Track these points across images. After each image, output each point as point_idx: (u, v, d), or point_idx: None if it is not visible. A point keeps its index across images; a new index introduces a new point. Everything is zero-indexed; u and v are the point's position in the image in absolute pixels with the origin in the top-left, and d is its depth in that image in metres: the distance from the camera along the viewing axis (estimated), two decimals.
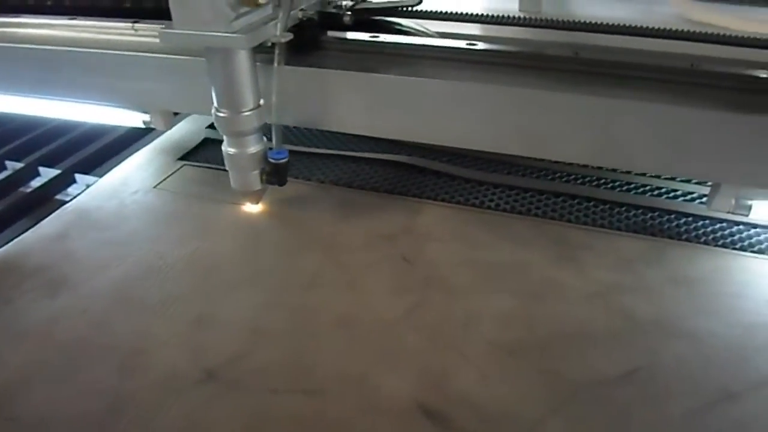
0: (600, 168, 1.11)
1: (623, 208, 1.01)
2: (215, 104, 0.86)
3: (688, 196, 1.03)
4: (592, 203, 1.02)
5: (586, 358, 0.74)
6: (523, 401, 0.69)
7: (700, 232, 0.95)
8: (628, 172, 1.09)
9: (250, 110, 0.86)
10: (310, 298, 0.84)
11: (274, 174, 0.94)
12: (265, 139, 0.93)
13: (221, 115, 0.86)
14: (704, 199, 0.98)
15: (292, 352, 0.76)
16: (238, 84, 0.84)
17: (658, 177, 1.08)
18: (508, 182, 1.07)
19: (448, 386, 0.71)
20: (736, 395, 0.69)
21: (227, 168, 0.94)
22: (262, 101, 0.87)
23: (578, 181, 1.08)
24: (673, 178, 1.07)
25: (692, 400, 0.69)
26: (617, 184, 1.07)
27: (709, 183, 0.96)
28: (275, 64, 0.84)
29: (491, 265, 0.89)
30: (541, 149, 0.89)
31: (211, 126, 1.26)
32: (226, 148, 0.91)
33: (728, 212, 0.91)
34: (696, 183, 1.06)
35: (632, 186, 1.06)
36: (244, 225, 0.99)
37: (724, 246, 0.92)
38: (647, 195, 1.04)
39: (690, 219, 0.98)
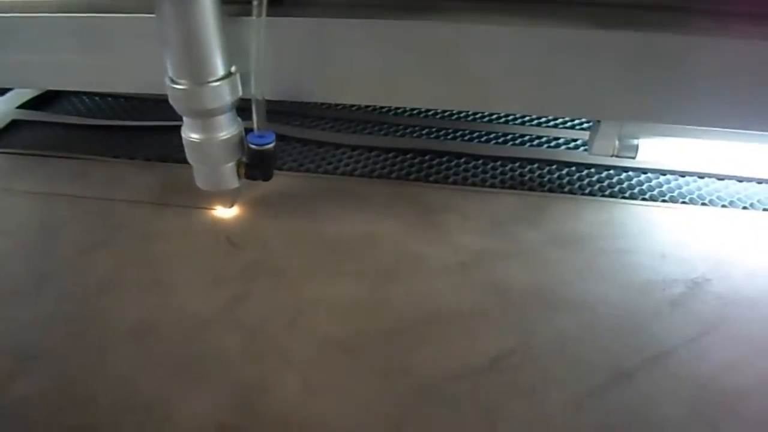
0: (473, 120, 0.96)
1: (498, 163, 0.86)
2: (169, 73, 0.63)
3: (572, 144, 0.89)
4: (463, 160, 0.86)
5: (445, 347, 0.58)
6: (357, 416, 0.52)
7: (585, 182, 0.81)
8: (505, 123, 0.95)
9: (220, 79, 0.63)
10: (103, 303, 0.64)
11: (258, 165, 0.70)
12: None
13: (179, 87, 0.63)
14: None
15: (63, 377, 0.57)
16: (202, 42, 0.60)
17: (539, 125, 0.93)
18: (366, 143, 0.91)
19: (262, 403, 0.53)
20: (629, 374, 0.55)
21: (190, 160, 0.71)
22: (233, 68, 0.65)
23: (448, 137, 0.92)
24: (554, 126, 0.93)
25: (577, 385, 0.55)
26: (492, 136, 0.92)
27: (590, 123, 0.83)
28: (255, 16, 0.61)
29: (336, 241, 0.72)
30: (389, 95, 0.72)
31: (24, 106, 1.03)
32: (188, 134, 0.68)
33: (613, 156, 0.78)
34: (581, 129, 0.92)
35: (509, 138, 0.91)
36: (40, 219, 0.78)
37: (611, 196, 0.78)
38: (526, 146, 0.89)
39: (573, 169, 0.84)
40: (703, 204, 0.77)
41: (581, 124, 0.93)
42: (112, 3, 0.71)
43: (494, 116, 0.96)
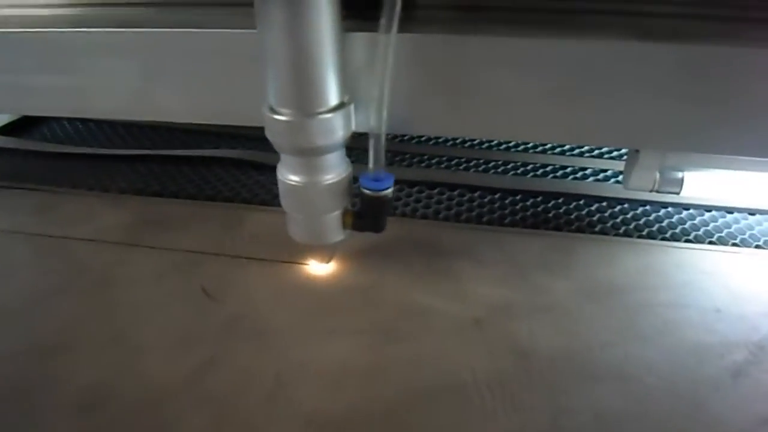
0: (488, 148, 0.85)
1: (518, 197, 0.75)
2: (270, 100, 0.51)
3: (601, 175, 0.79)
4: (477, 194, 0.76)
5: (455, 429, 0.47)
6: None
7: (618, 220, 0.70)
8: (525, 151, 0.84)
9: (332, 110, 0.51)
10: (50, 365, 0.54)
11: (371, 214, 0.58)
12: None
13: (281, 118, 0.51)
14: (621, 177, 0.74)
15: None
16: (316, 62, 0.48)
17: (563, 153, 0.83)
18: None
19: None
20: None
21: (285, 207, 0.59)
22: (347, 96, 0.53)
23: (460, 167, 0.82)
24: (580, 154, 0.83)
25: None
26: (511, 167, 0.81)
27: (625, 153, 0.72)
28: (382, 31, 0.48)
29: (329, 293, 0.61)
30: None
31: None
32: (285, 176, 0.56)
33: (652, 191, 0.67)
34: (610, 158, 0.82)
35: (530, 168, 0.81)
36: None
37: (650, 237, 0.68)
38: (549, 178, 0.79)
39: (604, 204, 0.73)
40: (758, 246, 0.66)
41: (611, 152, 0.83)
42: (89, 17, 0.62)
43: (512, 143, 0.86)
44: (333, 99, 0.50)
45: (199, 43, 0.57)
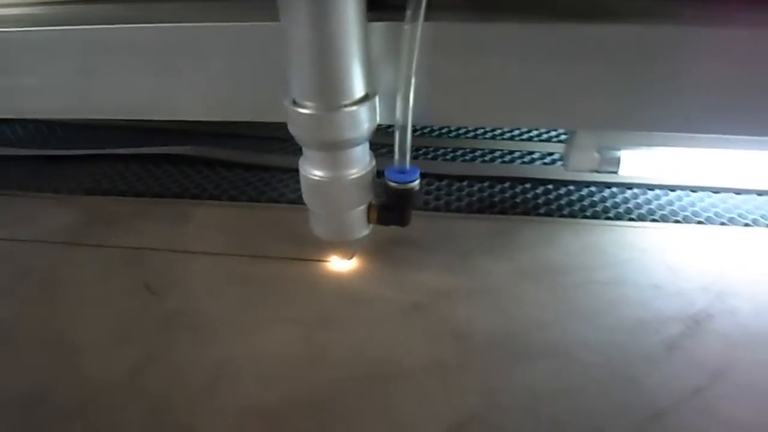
0: (438, 135, 0.86)
1: (464, 183, 0.75)
2: (293, 93, 0.50)
3: (548, 159, 0.79)
4: (424, 181, 0.76)
5: (391, 412, 0.47)
6: None
7: (562, 202, 0.71)
8: (474, 138, 0.85)
9: (358, 102, 0.49)
10: None
11: (397, 207, 0.57)
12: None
13: (305, 111, 0.49)
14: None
15: None
16: (343, 53, 0.46)
17: (511, 139, 0.84)
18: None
19: None
20: None
21: (309, 203, 0.58)
22: (370, 88, 0.52)
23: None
24: (529, 139, 0.83)
25: None
26: (460, 153, 0.82)
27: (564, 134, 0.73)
28: (408, 21, 0.47)
29: (266, 281, 0.61)
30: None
31: None
32: (309, 171, 0.54)
33: (593, 171, 0.68)
34: (558, 141, 0.82)
35: (478, 154, 0.81)
36: None
37: (593, 217, 0.68)
38: (496, 163, 0.79)
39: (549, 187, 0.73)
40: (699, 222, 0.67)
41: (558, 136, 0.83)
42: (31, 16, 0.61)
43: (461, 130, 0.86)
44: (359, 91, 0.49)
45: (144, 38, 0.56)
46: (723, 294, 0.57)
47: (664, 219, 0.67)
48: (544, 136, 0.84)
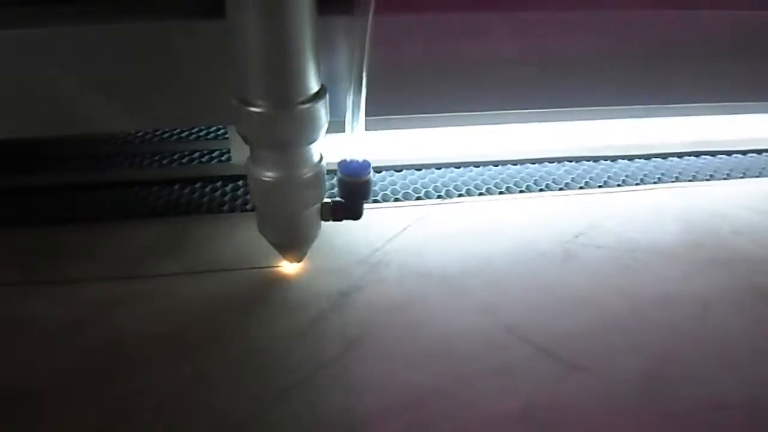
0: (101, 143, 0.83)
1: (134, 189, 0.75)
2: (242, 92, 0.48)
3: (223, 156, 0.82)
4: (90, 191, 0.74)
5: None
6: None
7: (228, 197, 0.74)
8: (143, 142, 0.84)
9: (313, 98, 0.48)
10: None
11: (351, 201, 0.58)
12: None
13: (256, 110, 0.47)
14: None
15: None
16: (296, 48, 0.45)
17: (180, 140, 0.85)
18: None
19: None
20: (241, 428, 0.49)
21: (261, 207, 0.56)
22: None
23: (62, 167, 0.78)
24: (197, 138, 0.85)
25: None
26: (120, 160, 0.80)
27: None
28: (358, 14, 0.48)
29: None
30: None
31: None
32: (261, 173, 0.52)
33: None
34: (225, 138, 0.85)
35: (151, 158, 0.81)
36: None
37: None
38: (166, 166, 0.80)
39: (218, 184, 0.76)
40: (375, 201, 0.74)
41: (225, 133, 0.86)
42: None
43: (130, 135, 0.85)
44: (313, 87, 0.48)
45: None
46: (379, 264, 0.64)
47: None
48: (212, 135, 0.86)
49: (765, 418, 0.51)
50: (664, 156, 0.86)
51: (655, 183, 0.80)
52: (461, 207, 0.73)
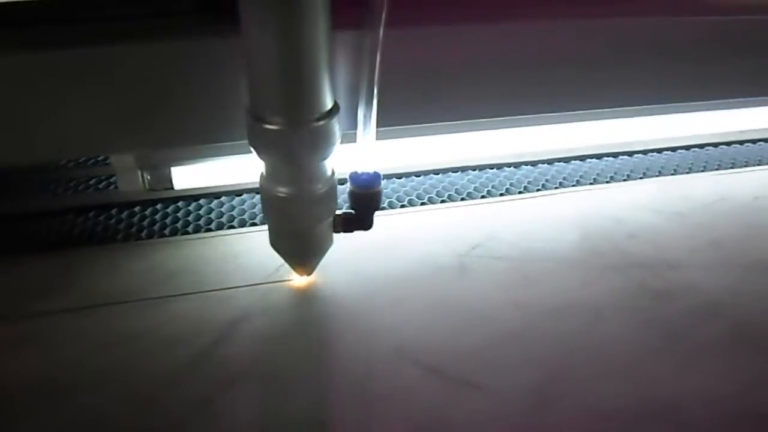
0: None
1: (20, 224, 0.71)
2: (256, 109, 0.48)
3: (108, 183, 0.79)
4: None
5: None
6: None
7: (121, 226, 0.71)
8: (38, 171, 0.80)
9: (328, 115, 0.48)
10: None
11: (363, 213, 0.59)
12: None
13: (273, 128, 0.47)
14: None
15: None
16: (313, 64, 0.45)
17: (66, 168, 0.81)
18: None
19: None
20: None
21: (274, 224, 0.57)
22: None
23: None
24: (85, 164, 0.81)
25: None
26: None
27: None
28: (368, 27, 0.48)
29: None
30: None
31: None
32: (275, 189, 0.52)
33: (151, 191, 0.70)
34: (105, 164, 0.81)
35: (40, 185, 0.77)
36: None
37: (150, 237, 0.70)
38: (61, 192, 0.76)
39: (111, 213, 0.73)
40: (253, 224, 0.73)
41: (106, 159, 0.81)
42: None
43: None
44: (327, 104, 0.48)
45: None
46: (263, 298, 0.62)
47: (219, 227, 0.72)
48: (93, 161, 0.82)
49: (651, 420, 0.52)
50: (567, 160, 0.87)
51: (555, 188, 0.81)
52: None
